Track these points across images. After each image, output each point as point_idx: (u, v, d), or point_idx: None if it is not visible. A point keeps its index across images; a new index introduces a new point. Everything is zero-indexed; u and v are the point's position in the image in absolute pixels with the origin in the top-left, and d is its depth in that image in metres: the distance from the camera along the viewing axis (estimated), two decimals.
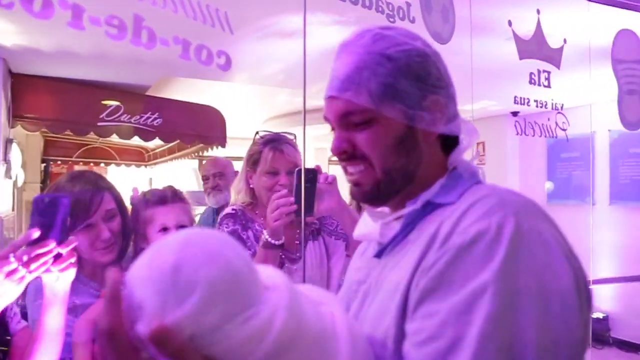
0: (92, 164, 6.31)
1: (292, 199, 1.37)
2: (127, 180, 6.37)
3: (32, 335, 1.09)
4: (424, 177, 0.72)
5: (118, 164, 6.62)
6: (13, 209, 3.91)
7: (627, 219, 4.79)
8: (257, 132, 1.67)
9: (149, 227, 1.33)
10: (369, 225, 0.78)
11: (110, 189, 1.32)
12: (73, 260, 1.02)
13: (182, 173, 7.20)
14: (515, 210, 0.60)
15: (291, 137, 1.66)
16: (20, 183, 4.27)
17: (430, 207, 0.69)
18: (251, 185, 1.61)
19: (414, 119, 0.69)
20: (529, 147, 5.70)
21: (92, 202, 1.24)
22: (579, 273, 0.60)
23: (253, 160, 1.60)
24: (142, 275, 0.50)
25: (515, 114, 5.70)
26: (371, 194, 0.73)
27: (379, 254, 0.73)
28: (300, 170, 1.40)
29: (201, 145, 4.73)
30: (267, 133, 1.65)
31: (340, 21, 2.47)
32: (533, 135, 2.74)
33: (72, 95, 3.61)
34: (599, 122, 4.31)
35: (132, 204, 1.42)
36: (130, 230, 1.34)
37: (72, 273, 1.04)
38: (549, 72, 2.69)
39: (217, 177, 2.82)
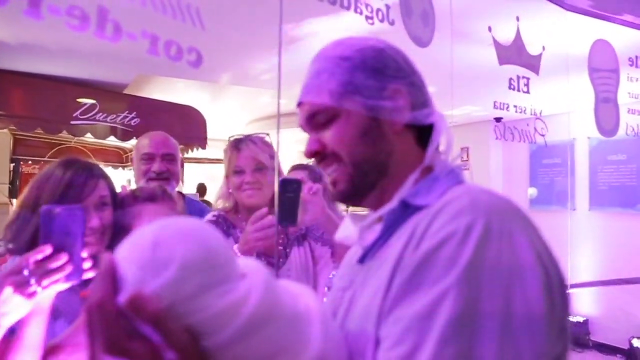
0: None
1: (273, 220, 1.39)
2: None
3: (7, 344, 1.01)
4: (400, 172, 0.71)
5: None
6: None
7: (606, 225, 4.87)
8: (230, 137, 1.69)
9: (138, 223, 1.27)
10: (350, 228, 0.78)
11: (105, 177, 1.27)
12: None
13: None
14: (487, 211, 0.58)
15: (263, 135, 1.67)
16: None
17: (410, 210, 0.68)
18: (230, 190, 1.63)
19: (375, 109, 0.71)
20: (512, 152, 5.75)
21: (85, 186, 1.18)
22: (553, 275, 0.58)
23: (226, 164, 1.64)
24: (125, 252, 0.54)
25: (498, 119, 5.77)
26: (347, 191, 0.74)
27: (361, 259, 0.73)
28: (283, 180, 1.41)
29: (181, 146, 4.64)
30: (239, 136, 1.66)
31: (318, 28, 2.44)
32: (512, 140, 2.75)
33: (43, 91, 3.50)
34: (579, 130, 4.38)
35: (120, 199, 1.36)
36: (119, 224, 1.28)
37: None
38: (528, 79, 2.70)
39: (166, 160, 1.91)
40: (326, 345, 0.60)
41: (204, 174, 7.83)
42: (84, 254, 0.96)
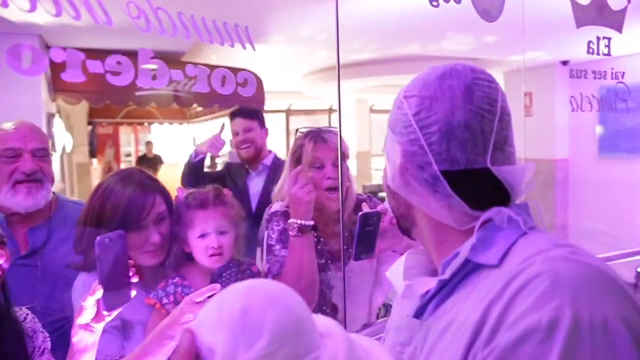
0: (136, 124, 6.50)
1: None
2: (170, 138, 6.53)
3: None
4: (432, 221, 0.70)
5: (161, 122, 6.77)
6: (63, 180, 4.11)
7: None
8: (297, 130, 1.60)
9: (189, 232, 1.30)
10: (401, 270, 0.77)
11: (161, 191, 1.31)
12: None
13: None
14: (573, 293, 0.52)
15: (334, 128, 1.57)
16: (69, 148, 4.46)
17: (470, 265, 0.65)
18: None
19: (388, 163, 0.75)
20: (580, 97, 5.39)
21: (144, 206, 1.24)
22: None
23: (296, 158, 1.52)
24: (212, 321, 0.53)
25: (565, 62, 5.37)
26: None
27: (417, 314, 0.71)
28: (364, 214, 1.32)
29: (237, 107, 4.74)
30: (308, 128, 1.57)
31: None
32: (590, 110, 2.55)
33: None
34: None
35: (175, 205, 1.37)
36: (176, 233, 1.33)
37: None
38: (609, 39, 2.45)
39: (37, 156, 1.47)
40: None
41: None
42: (130, 274, 1.04)
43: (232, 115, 2.60)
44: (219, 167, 2.75)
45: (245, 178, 2.55)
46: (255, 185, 2.52)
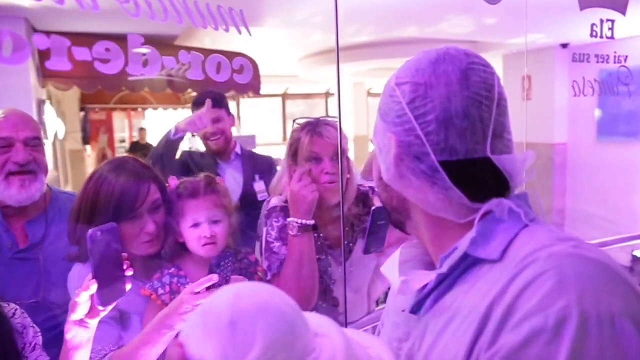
0: (129, 109, 6.40)
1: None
2: (164, 123, 6.45)
3: None
4: (428, 215, 0.67)
5: (155, 108, 6.67)
6: (56, 168, 4.04)
7: None
8: (294, 121, 1.54)
9: (181, 221, 1.28)
10: (396, 264, 0.73)
11: (155, 179, 1.27)
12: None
13: None
14: (579, 292, 0.50)
15: (332, 119, 1.52)
16: (61, 135, 4.38)
17: (470, 259, 0.62)
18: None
19: (379, 155, 0.71)
20: (580, 79, 5.34)
21: (138, 194, 1.20)
22: None
23: (293, 151, 1.47)
24: (199, 332, 0.51)
25: (564, 45, 5.30)
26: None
27: (414, 310, 0.69)
28: (376, 209, 1.30)
29: (232, 92, 4.67)
30: (305, 120, 1.52)
31: None
32: (592, 95, 2.49)
33: None
34: None
35: (168, 194, 1.34)
36: (169, 223, 1.29)
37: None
38: (612, 21, 2.39)
39: (30, 146, 1.41)
40: None
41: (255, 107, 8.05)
42: (124, 267, 1.00)
43: (196, 105, 2.29)
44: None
45: (215, 169, 2.33)
46: (230, 176, 2.34)
